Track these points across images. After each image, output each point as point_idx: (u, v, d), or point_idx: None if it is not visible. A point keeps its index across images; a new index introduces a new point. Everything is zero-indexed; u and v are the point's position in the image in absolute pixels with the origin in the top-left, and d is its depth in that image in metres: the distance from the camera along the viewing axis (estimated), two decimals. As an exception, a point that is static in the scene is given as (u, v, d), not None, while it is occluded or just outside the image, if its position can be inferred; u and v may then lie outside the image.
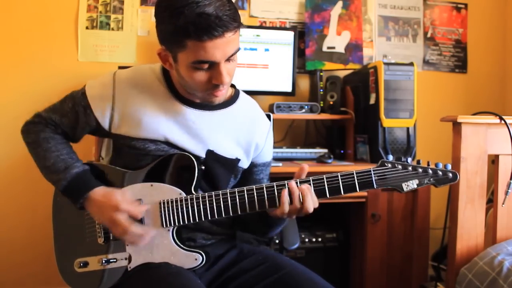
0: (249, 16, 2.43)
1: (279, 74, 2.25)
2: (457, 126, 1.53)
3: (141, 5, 2.33)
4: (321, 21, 2.48)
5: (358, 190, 1.07)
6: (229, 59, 1.05)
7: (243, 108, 1.26)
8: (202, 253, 1.12)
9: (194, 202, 1.10)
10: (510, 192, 1.54)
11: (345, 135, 2.30)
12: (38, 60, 2.24)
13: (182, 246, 1.12)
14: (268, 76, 2.25)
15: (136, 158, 1.17)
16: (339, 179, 1.07)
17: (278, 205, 1.07)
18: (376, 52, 2.55)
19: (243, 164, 1.25)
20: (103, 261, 1.14)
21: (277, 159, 2.12)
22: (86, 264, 1.17)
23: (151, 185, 1.14)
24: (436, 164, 1.08)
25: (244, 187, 1.10)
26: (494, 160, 1.59)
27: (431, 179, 1.07)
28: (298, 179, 1.08)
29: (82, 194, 1.11)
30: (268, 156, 1.32)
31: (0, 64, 2.21)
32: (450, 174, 1.08)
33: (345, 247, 2.18)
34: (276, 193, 1.08)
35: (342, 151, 2.29)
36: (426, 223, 2.03)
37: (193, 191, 1.13)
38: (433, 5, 2.63)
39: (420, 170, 1.07)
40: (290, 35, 2.25)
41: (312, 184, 1.07)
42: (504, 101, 2.70)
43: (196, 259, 1.11)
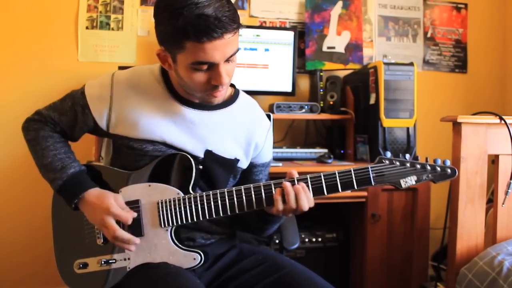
0: (249, 16, 2.43)
1: (279, 74, 2.25)
2: (457, 126, 1.53)
3: (141, 5, 2.32)
4: (321, 21, 2.47)
5: (356, 187, 1.07)
6: (228, 60, 1.05)
7: (243, 108, 1.26)
8: (201, 253, 1.12)
9: (192, 202, 1.11)
10: (510, 192, 1.53)
11: (345, 135, 2.30)
12: (38, 60, 2.24)
13: (181, 246, 1.12)
14: (268, 76, 2.24)
15: (135, 159, 1.17)
16: (337, 177, 1.07)
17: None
18: (376, 52, 2.55)
19: (242, 164, 1.25)
20: (103, 262, 1.14)
21: (277, 159, 2.11)
22: (86, 265, 1.17)
23: (149, 185, 1.14)
24: (435, 160, 1.08)
25: (242, 186, 1.10)
26: (494, 160, 1.59)
27: (430, 175, 1.06)
28: (296, 177, 1.08)
29: (77, 195, 1.12)
30: (268, 156, 1.32)
31: (0, 64, 2.21)
32: (449, 170, 1.07)
33: (345, 247, 2.18)
34: (274, 192, 1.08)
35: (342, 151, 2.29)
36: (426, 223, 2.02)
37: (191, 191, 1.13)
38: (433, 5, 2.63)
39: (418, 166, 1.06)
40: (290, 35, 2.25)
41: (310, 182, 1.07)
42: (504, 101, 2.70)
43: (195, 259, 1.11)
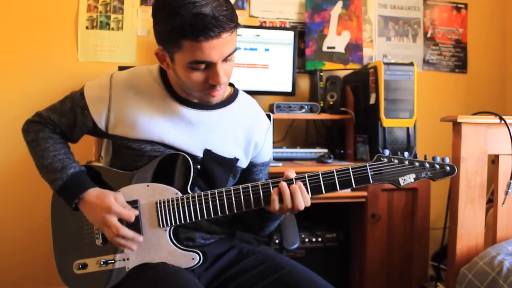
0: (249, 16, 2.43)
1: (279, 74, 2.25)
2: (457, 126, 1.53)
3: (141, 5, 2.33)
4: (321, 21, 2.47)
5: (354, 186, 1.06)
6: (226, 59, 1.05)
7: (242, 107, 1.25)
8: (199, 253, 1.12)
9: (190, 202, 1.10)
10: (510, 192, 1.53)
11: (345, 135, 2.30)
12: (38, 60, 2.24)
13: (179, 246, 1.12)
14: (268, 76, 2.24)
15: (134, 159, 1.17)
16: (335, 175, 1.06)
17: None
18: (376, 52, 2.55)
19: (242, 164, 1.25)
20: (102, 263, 1.14)
21: (277, 159, 2.12)
22: (85, 266, 1.17)
23: (147, 186, 1.14)
24: (434, 158, 1.07)
25: (240, 185, 1.10)
26: (494, 160, 1.59)
27: (428, 173, 1.06)
28: (294, 176, 1.08)
29: (77, 195, 1.12)
30: (268, 156, 1.32)
31: (0, 64, 2.21)
32: (448, 167, 1.06)
33: (345, 247, 2.18)
34: (272, 191, 1.07)
35: (342, 151, 2.29)
36: (426, 223, 2.02)
37: (189, 191, 1.13)
38: (433, 5, 2.63)
39: (417, 164, 1.06)
40: (290, 35, 2.25)
41: (308, 181, 1.07)
42: (504, 101, 2.70)
43: (193, 259, 1.11)
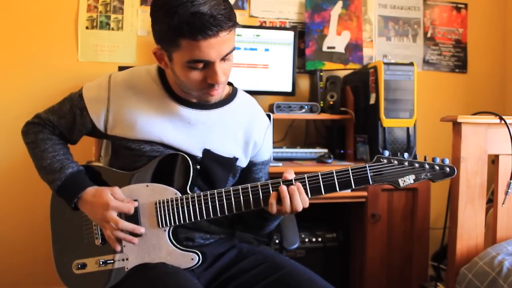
0: (249, 16, 2.43)
1: (279, 74, 2.25)
2: (457, 126, 1.53)
3: (141, 5, 2.33)
4: (321, 21, 2.47)
5: (354, 187, 1.06)
6: (224, 59, 1.04)
7: (241, 106, 1.25)
8: (199, 253, 1.12)
9: (190, 202, 1.10)
10: (510, 192, 1.53)
11: (345, 135, 2.30)
12: (38, 60, 2.24)
13: (179, 246, 1.12)
14: (268, 76, 2.24)
15: (133, 159, 1.17)
16: (334, 176, 1.06)
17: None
18: (376, 52, 2.55)
19: (241, 163, 1.25)
20: (101, 262, 1.14)
21: (277, 159, 2.11)
22: (84, 266, 1.17)
23: (147, 186, 1.14)
24: (433, 159, 1.07)
25: (239, 186, 1.09)
26: (494, 160, 1.59)
27: (428, 174, 1.06)
28: (293, 178, 1.08)
29: (76, 194, 1.12)
30: (267, 155, 1.31)
31: (0, 64, 2.21)
32: (448, 169, 1.06)
33: (345, 247, 2.18)
34: (271, 191, 1.07)
35: (342, 151, 2.29)
36: (426, 223, 2.02)
37: (189, 191, 1.12)
38: (433, 5, 2.63)
39: (417, 165, 1.06)
40: (290, 35, 2.25)
41: (307, 182, 1.07)
42: (504, 101, 2.70)
43: (193, 259, 1.11)
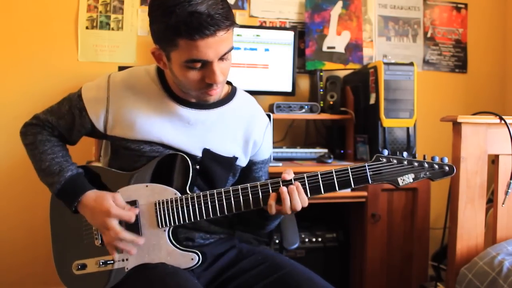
0: (249, 16, 2.43)
1: (279, 74, 2.25)
2: (457, 126, 1.53)
3: (141, 5, 2.32)
4: (321, 21, 2.47)
5: (353, 186, 1.06)
6: (223, 58, 1.04)
7: (240, 106, 1.25)
8: (198, 253, 1.12)
9: (189, 202, 1.10)
10: (510, 192, 1.53)
11: (345, 135, 2.30)
12: (38, 60, 2.24)
13: (178, 246, 1.12)
14: (268, 76, 2.24)
15: (132, 159, 1.16)
16: (334, 175, 1.06)
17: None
18: (376, 52, 2.55)
19: (241, 162, 1.24)
20: (101, 263, 1.14)
21: (277, 159, 2.12)
22: (84, 266, 1.16)
23: (146, 186, 1.13)
24: (432, 158, 1.07)
25: (239, 186, 1.09)
26: (494, 160, 1.59)
27: (427, 173, 1.06)
28: (293, 176, 1.08)
29: (76, 198, 1.11)
30: (267, 153, 1.31)
31: (0, 64, 2.21)
32: (447, 167, 1.06)
33: (345, 247, 2.18)
34: (271, 191, 1.07)
35: (342, 151, 2.29)
36: (426, 223, 2.02)
37: (188, 191, 1.12)
38: (433, 5, 2.63)
39: (416, 164, 1.06)
40: (290, 35, 2.25)
41: (307, 181, 1.07)
42: (504, 101, 2.70)
43: (193, 259, 1.11)
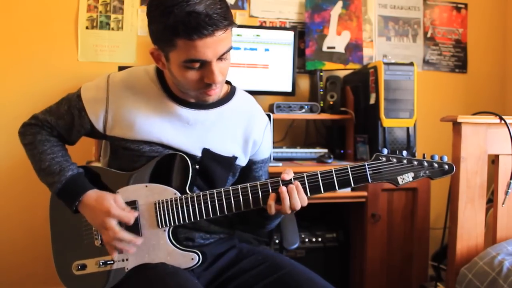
0: (249, 16, 2.43)
1: (279, 74, 2.25)
2: (457, 126, 1.53)
3: (141, 5, 2.32)
4: (321, 21, 2.47)
5: (353, 185, 1.06)
6: (221, 58, 1.04)
7: (240, 105, 1.25)
8: (199, 253, 1.12)
9: (189, 202, 1.10)
10: (510, 192, 1.53)
11: (345, 135, 2.30)
12: (38, 60, 2.24)
13: (179, 246, 1.12)
14: (268, 76, 2.24)
15: (132, 160, 1.16)
16: (333, 175, 1.06)
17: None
18: (376, 52, 2.55)
19: (241, 162, 1.24)
20: (101, 263, 1.14)
21: (277, 159, 2.12)
22: (84, 267, 1.16)
23: (146, 186, 1.13)
24: (432, 157, 1.07)
25: (238, 185, 1.09)
26: (494, 160, 1.59)
27: (427, 172, 1.06)
28: (293, 176, 1.08)
29: (77, 197, 1.11)
30: (267, 153, 1.31)
31: (0, 64, 2.21)
32: (446, 166, 1.06)
33: (345, 247, 2.18)
34: (271, 191, 1.07)
35: (342, 151, 2.29)
36: (426, 223, 2.02)
37: (188, 191, 1.12)
38: (433, 5, 2.63)
39: (415, 163, 1.06)
40: (290, 35, 2.25)
41: (307, 180, 1.07)
42: (504, 101, 2.70)
43: (193, 259, 1.11)
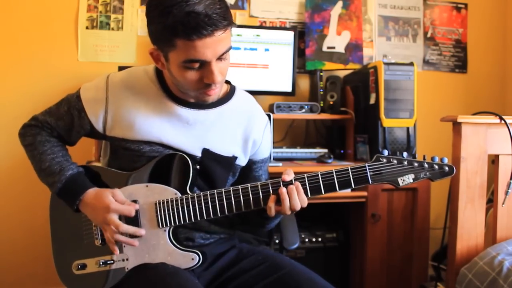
0: (249, 16, 2.43)
1: (279, 74, 2.25)
2: (457, 126, 1.53)
3: (141, 5, 2.32)
4: (321, 21, 2.47)
5: (354, 186, 1.06)
6: (221, 58, 1.04)
7: (239, 105, 1.25)
8: (199, 253, 1.12)
9: (190, 202, 1.10)
10: (510, 192, 1.53)
11: (345, 135, 2.30)
12: (38, 60, 2.24)
13: (179, 246, 1.12)
14: (268, 76, 2.24)
15: (132, 160, 1.16)
16: (334, 176, 1.06)
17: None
18: (376, 52, 2.55)
19: (241, 162, 1.24)
20: (101, 263, 1.14)
21: (277, 159, 2.12)
22: (84, 266, 1.17)
23: (146, 186, 1.14)
24: (432, 158, 1.07)
25: (239, 186, 1.09)
26: (494, 160, 1.59)
27: (427, 173, 1.06)
28: (293, 177, 1.08)
29: (77, 196, 1.11)
30: (266, 152, 1.31)
31: (0, 64, 2.21)
32: (447, 168, 1.07)
33: (345, 247, 2.18)
34: (271, 191, 1.07)
35: (342, 151, 2.29)
36: (426, 223, 2.02)
37: (188, 191, 1.12)
38: (433, 5, 2.63)
39: (416, 164, 1.06)
40: (290, 35, 2.25)
41: (307, 181, 1.07)
42: (504, 101, 2.70)
43: (193, 259, 1.11)
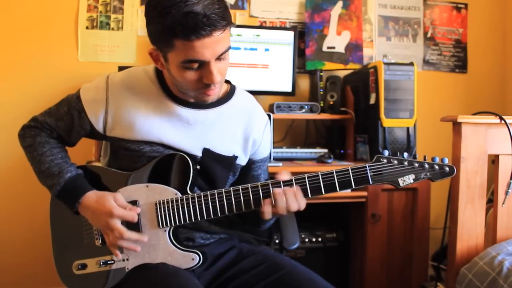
0: (249, 16, 2.43)
1: (279, 74, 2.25)
2: (457, 126, 1.53)
3: (141, 5, 2.32)
4: (321, 21, 2.47)
5: (354, 186, 1.06)
6: (220, 58, 1.04)
7: (239, 104, 1.25)
8: (199, 253, 1.12)
9: (190, 202, 1.10)
10: (510, 192, 1.53)
11: (345, 135, 2.30)
12: (38, 60, 2.24)
13: (179, 246, 1.12)
14: (268, 76, 2.24)
15: (132, 160, 1.16)
16: (334, 176, 1.06)
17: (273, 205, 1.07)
18: (376, 52, 2.55)
19: (241, 161, 1.25)
20: (101, 263, 1.14)
21: (277, 159, 2.12)
22: (85, 266, 1.16)
23: (147, 186, 1.13)
24: (433, 159, 1.07)
25: (239, 186, 1.10)
26: (494, 160, 1.59)
27: (428, 174, 1.06)
28: (294, 177, 1.08)
29: (76, 199, 1.11)
30: (266, 152, 1.31)
31: (0, 64, 2.21)
32: (447, 168, 1.07)
33: (345, 247, 2.18)
34: (271, 191, 1.07)
35: (342, 151, 2.29)
36: (426, 223, 2.02)
37: (189, 191, 1.12)
38: (433, 5, 2.63)
39: (416, 165, 1.06)
40: (290, 35, 2.25)
41: (307, 181, 1.07)
42: (504, 101, 2.70)
43: (193, 259, 1.11)
